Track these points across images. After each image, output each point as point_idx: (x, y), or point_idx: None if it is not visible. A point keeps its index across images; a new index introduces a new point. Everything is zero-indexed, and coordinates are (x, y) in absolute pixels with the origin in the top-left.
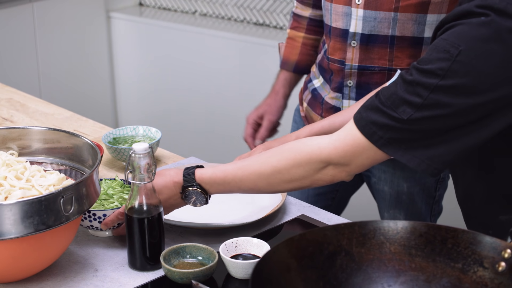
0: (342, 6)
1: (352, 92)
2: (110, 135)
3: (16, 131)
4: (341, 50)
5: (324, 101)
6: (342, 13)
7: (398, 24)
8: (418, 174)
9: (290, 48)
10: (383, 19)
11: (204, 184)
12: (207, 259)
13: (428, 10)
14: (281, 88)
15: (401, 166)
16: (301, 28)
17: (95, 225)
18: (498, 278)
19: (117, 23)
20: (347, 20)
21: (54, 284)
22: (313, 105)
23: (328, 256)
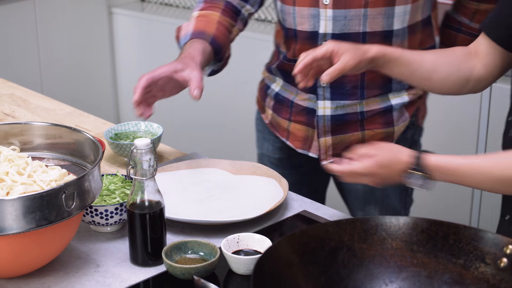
0: (308, 8)
1: (327, 92)
2: (112, 130)
3: (18, 126)
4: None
5: (294, 104)
6: (309, 15)
7: (368, 20)
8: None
9: (204, 22)
10: (353, 16)
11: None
12: (209, 255)
13: (396, 2)
14: (198, 55)
15: None
16: (216, 8)
17: (97, 220)
18: (500, 274)
19: (119, 18)
20: (315, 22)
21: (56, 280)
22: (278, 111)
23: (330, 252)
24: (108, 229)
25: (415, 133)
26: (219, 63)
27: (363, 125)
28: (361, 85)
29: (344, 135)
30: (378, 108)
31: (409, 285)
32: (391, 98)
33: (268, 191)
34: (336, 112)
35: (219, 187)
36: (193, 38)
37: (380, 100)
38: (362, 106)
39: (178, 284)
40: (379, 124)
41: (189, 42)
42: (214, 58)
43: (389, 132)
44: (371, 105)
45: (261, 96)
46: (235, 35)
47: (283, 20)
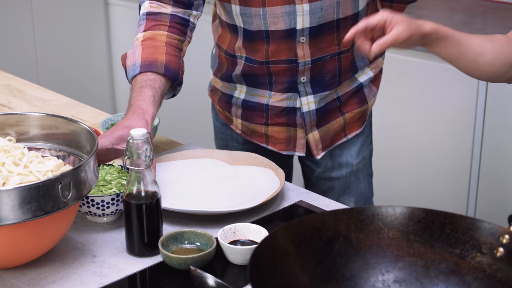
0: (282, 6)
1: (308, 87)
2: (108, 121)
3: (14, 117)
4: (288, 50)
5: (269, 107)
6: (283, 14)
7: (341, 6)
8: (362, 147)
9: (152, 48)
10: (328, 6)
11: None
12: (205, 245)
13: None
14: (149, 107)
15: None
16: (162, 26)
17: (93, 211)
18: (496, 263)
19: (115, 9)
20: (291, 19)
21: (53, 270)
22: (250, 118)
23: (326, 242)
24: (105, 219)
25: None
26: (179, 87)
27: (341, 110)
28: (339, 73)
29: (328, 124)
30: (351, 89)
31: (405, 274)
32: (357, 77)
33: (264, 181)
34: (319, 105)
35: (215, 177)
36: (143, 72)
37: (350, 81)
38: (337, 91)
39: (174, 274)
40: (355, 105)
41: (138, 79)
42: (172, 85)
43: (364, 109)
44: (344, 88)
45: (223, 107)
46: (185, 50)
47: (244, 23)
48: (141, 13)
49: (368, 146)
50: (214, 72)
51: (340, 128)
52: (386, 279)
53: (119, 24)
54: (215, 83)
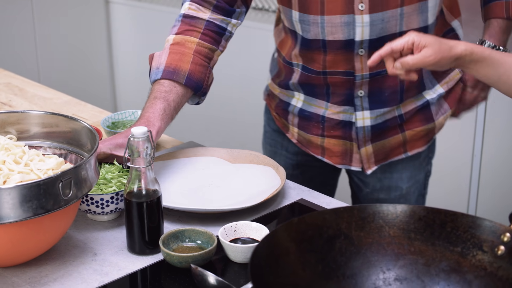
0: (341, 16)
1: (365, 102)
2: (109, 119)
3: (14, 115)
4: (346, 61)
5: (325, 119)
6: (342, 24)
7: (404, 19)
8: (416, 172)
9: (179, 54)
10: (390, 17)
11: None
12: (206, 243)
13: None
14: (157, 121)
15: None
16: (195, 32)
17: (92, 209)
18: (497, 261)
19: (115, 7)
20: (350, 30)
21: (53, 268)
22: (307, 128)
23: (327, 240)
24: (105, 218)
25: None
26: (203, 97)
27: (403, 127)
28: (401, 90)
29: (384, 140)
30: (416, 107)
31: (406, 272)
32: (425, 95)
33: (265, 179)
34: (376, 122)
35: (216, 175)
36: (164, 79)
37: (415, 100)
38: (399, 109)
39: (175, 273)
40: (419, 122)
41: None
42: (194, 94)
43: (430, 128)
44: (408, 106)
45: (280, 114)
46: (216, 59)
47: (302, 31)
48: (179, 14)
49: (424, 168)
50: (273, 77)
51: (399, 145)
52: (387, 277)
53: (120, 22)
54: (272, 89)
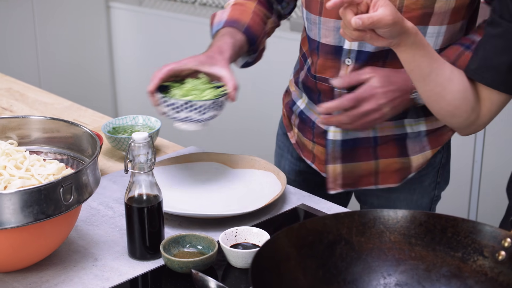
0: (334, 20)
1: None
2: (110, 124)
3: (15, 120)
4: (333, 69)
5: (315, 125)
6: (334, 28)
7: None
8: (415, 196)
9: (240, 10)
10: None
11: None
12: (207, 249)
13: (430, 22)
14: (228, 49)
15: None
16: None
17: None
18: (498, 267)
19: (116, 12)
20: (340, 36)
21: (54, 274)
22: (303, 130)
23: (328, 245)
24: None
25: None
26: (253, 55)
27: (376, 153)
28: None
29: (355, 163)
30: (393, 135)
31: (407, 278)
32: (406, 125)
33: (266, 184)
34: (347, 137)
35: (217, 180)
36: (226, 26)
37: (394, 126)
38: (375, 130)
39: (176, 278)
40: (393, 152)
41: (221, 31)
42: (248, 49)
43: (405, 163)
44: (385, 130)
45: (287, 112)
46: (270, 27)
47: (308, 30)
48: None
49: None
50: (294, 73)
51: (370, 173)
52: (387, 283)
53: (121, 27)
54: (290, 85)
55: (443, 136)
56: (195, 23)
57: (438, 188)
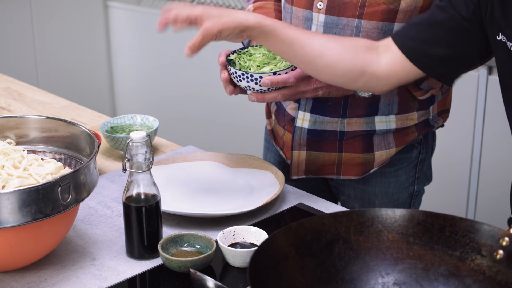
0: (303, 10)
1: (308, 103)
2: (108, 124)
3: (13, 120)
4: None
5: (286, 112)
6: (303, 18)
7: (361, 33)
8: (391, 190)
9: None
10: (345, 26)
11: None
12: (205, 248)
13: (396, 19)
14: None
15: (372, 182)
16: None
17: (252, 86)
18: (496, 266)
19: (114, 12)
20: (308, 26)
21: (52, 273)
22: (277, 117)
23: (326, 244)
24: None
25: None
26: None
27: (342, 147)
28: (344, 103)
29: (319, 152)
30: (360, 131)
31: (405, 277)
32: (376, 122)
33: (264, 183)
34: (314, 127)
35: (215, 180)
36: None
37: (364, 122)
38: (343, 125)
39: (174, 277)
40: (358, 148)
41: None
42: None
43: (368, 158)
44: (353, 126)
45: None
46: None
47: (284, 19)
48: None
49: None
50: None
51: (332, 163)
52: (386, 282)
53: (119, 26)
54: None
55: (409, 135)
56: None
57: (418, 184)
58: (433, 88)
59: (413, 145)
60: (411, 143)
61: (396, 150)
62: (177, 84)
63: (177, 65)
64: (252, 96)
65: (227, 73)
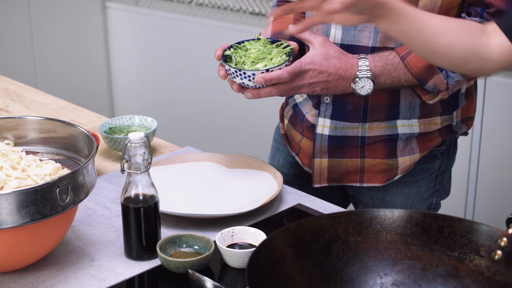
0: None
1: (328, 109)
2: (106, 124)
3: (11, 120)
4: None
5: (304, 119)
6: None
7: (380, 34)
8: (410, 201)
9: (280, 23)
10: (364, 27)
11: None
12: (204, 248)
13: None
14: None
15: (392, 191)
16: None
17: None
18: (494, 266)
19: (113, 13)
20: (327, 29)
21: (51, 274)
22: (294, 122)
23: (325, 245)
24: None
25: (443, 163)
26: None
27: (364, 152)
28: (364, 107)
29: (341, 159)
30: (382, 135)
31: (403, 277)
32: (399, 126)
33: (262, 184)
34: (335, 133)
35: (213, 180)
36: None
37: (385, 126)
38: (364, 130)
39: (172, 278)
40: (381, 153)
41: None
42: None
43: (392, 164)
44: (375, 131)
45: (285, 103)
46: None
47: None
48: (274, 1)
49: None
50: None
51: (355, 170)
52: (384, 282)
53: (117, 27)
54: None
55: (433, 141)
56: (192, 23)
57: (436, 196)
58: (440, 91)
59: (435, 155)
60: (434, 153)
61: (420, 155)
62: (175, 84)
63: (175, 66)
64: (248, 93)
65: (224, 70)
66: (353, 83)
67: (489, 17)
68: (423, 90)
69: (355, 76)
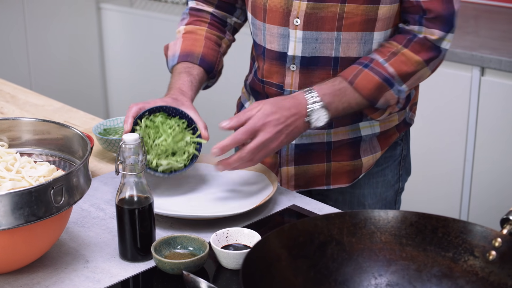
0: (278, 27)
1: None
2: (101, 126)
3: (6, 122)
4: (279, 74)
5: None
6: (278, 35)
7: (342, 44)
8: (379, 189)
9: (192, 40)
10: (325, 39)
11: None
12: (198, 250)
13: (375, 28)
14: (188, 90)
15: (360, 183)
16: (202, 22)
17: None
18: (488, 267)
19: (107, 14)
20: (284, 42)
21: (45, 276)
22: None
23: (319, 246)
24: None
25: (404, 148)
26: (213, 80)
27: (329, 156)
28: None
29: (307, 165)
30: (347, 139)
31: (398, 278)
32: (361, 128)
33: (257, 185)
34: (301, 141)
35: (208, 181)
36: (181, 62)
37: (350, 129)
38: (329, 136)
39: (167, 279)
40: (346, 156)
41: (177, 67)
42: (208, 77)
43: (357, 164)
44: (340, 135)
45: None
46: (225, 47)
47: (254, 35)
48: (186, 8)
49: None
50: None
51: (321, 174)
52: (378, 283)
53: (112, 28)
54: (242, 88)
55: (392, 137)
56: None
57: (401, 180)
58: (390, 106)
59: (396, 142)
60: (395, 141)
61: (381, 153)
62: None
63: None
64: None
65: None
66: (307, 116)
67: (428, 23)
68: (372, 109)
69: (307, 110)
